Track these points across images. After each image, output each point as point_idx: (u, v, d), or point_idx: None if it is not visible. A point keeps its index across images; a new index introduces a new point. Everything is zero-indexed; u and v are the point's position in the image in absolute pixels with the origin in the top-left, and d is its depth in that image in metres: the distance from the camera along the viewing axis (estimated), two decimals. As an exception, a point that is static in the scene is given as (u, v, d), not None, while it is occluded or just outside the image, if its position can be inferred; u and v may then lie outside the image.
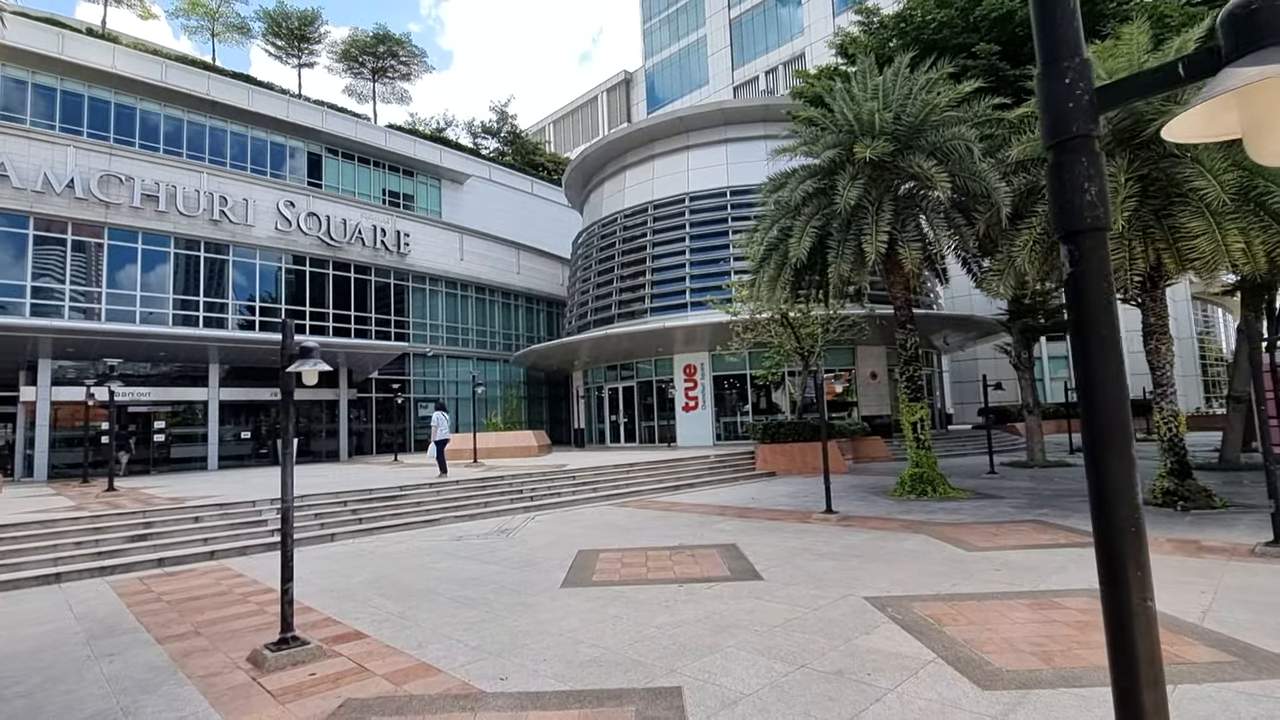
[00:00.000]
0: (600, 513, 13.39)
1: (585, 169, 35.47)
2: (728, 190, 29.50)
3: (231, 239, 27.43)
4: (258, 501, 11.68)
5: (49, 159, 23.51)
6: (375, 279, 32.14)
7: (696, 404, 28.08)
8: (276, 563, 9.53)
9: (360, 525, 11.69)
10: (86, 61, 30.88)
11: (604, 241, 32.94)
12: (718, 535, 10.28)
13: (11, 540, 9.22)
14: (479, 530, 11.68)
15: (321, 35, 42.49)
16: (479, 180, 44.97)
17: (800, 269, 14.03)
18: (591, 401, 33.56)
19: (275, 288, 28.89)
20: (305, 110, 38.01)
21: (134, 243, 25.24)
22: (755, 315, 21.26)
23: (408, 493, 13.46)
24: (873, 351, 28.05)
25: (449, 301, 35.47)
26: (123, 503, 12.09)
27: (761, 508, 13.20)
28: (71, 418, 22.79)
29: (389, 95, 47.63)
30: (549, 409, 40.65)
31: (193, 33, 38.92)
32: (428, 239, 34.49)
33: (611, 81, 71.49)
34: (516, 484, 15.13)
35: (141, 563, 9.18)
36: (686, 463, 19.16)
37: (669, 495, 15.84)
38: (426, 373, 33.98)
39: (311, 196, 30.43)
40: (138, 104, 32.69)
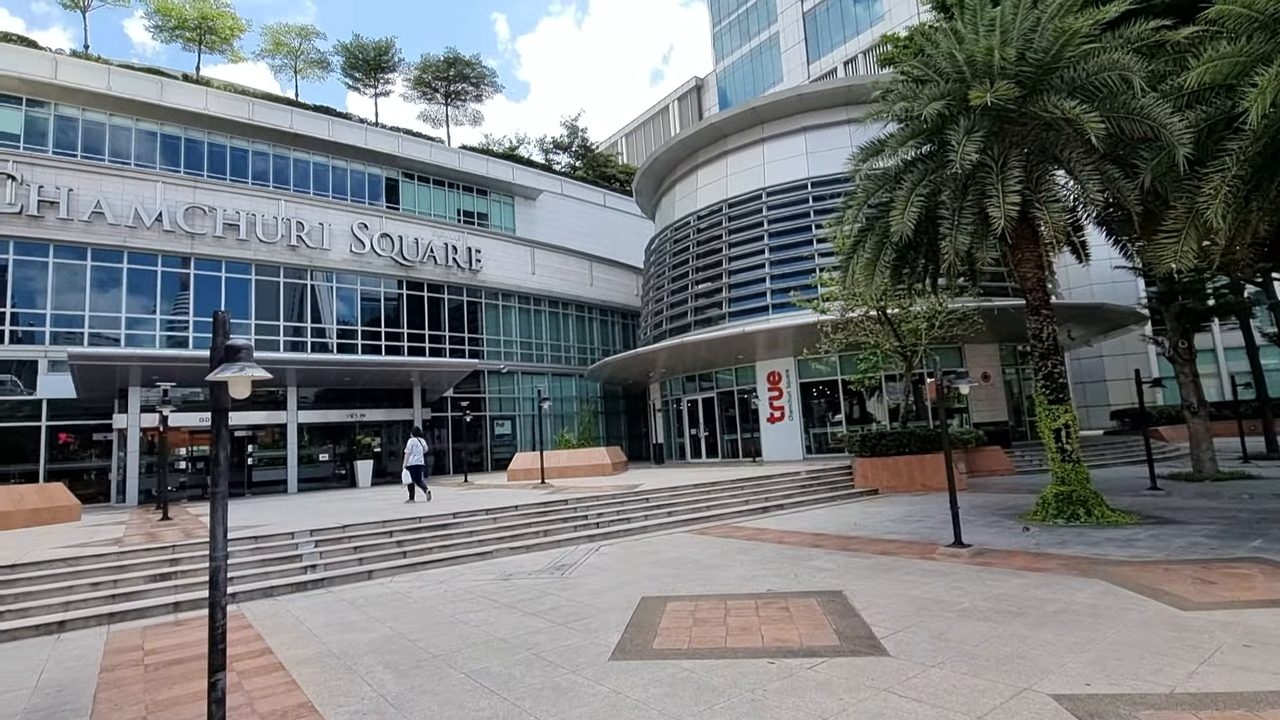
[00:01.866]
0: (675, 543, 11.55)
1: (655, 173, 34.04)
2: (808, 182, 27.19)
3: (309, 263, 27.74)
4: (296, 534, 10.63)
5: (139, 195, 24.41)
6: (448, 297, 31.86)
7: (782, 414, 25.73)
8: (300, 607, 8.36)
9: (404, 560, 10.39)
10: (182, 105, 32.45)
11: (677, 246, 31.28)
12: (816, 576, 8.22)
13: (28, 581, 8.46)
14: (533, 565, 10.11)
15: (395, 63, 43.47)
16: (551, 195, 44.58)
17: (904, 248, 11.78)
18: (670, 415, 31.79)
19: (351, 309, 29.01)
20: (382, 137, 38.76)
21: (217, 271, 25.85)
22: (846, 313, 18.91)
23: (460, 521, 12.12)
24: (983, 350, 24.82)
25: (522, 316, 34.79)
26: (165, 535, 11.38)
27: (867, 536, 10.96)
28: (162, 443, 23.26)
29: (461, 118, 48.30)
30: (627, 424, 39.19)
31: (278, 71, 40.89)
32: (499, 254, 34.01)
33: (682, 89, 70.24)
34: (582, 509, 13.53)
35: (155, 608, 8.18)
36: (774, 480, 17.00)
37: (755, 520, 13.79)
38: (501, 390, 33.33)
39: (384, 218, 30.54)
40: (228, 141, 34.09)
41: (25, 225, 22.36)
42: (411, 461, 16.44)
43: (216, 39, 37.43)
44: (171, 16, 36.04)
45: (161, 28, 36.16)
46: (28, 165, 22.97)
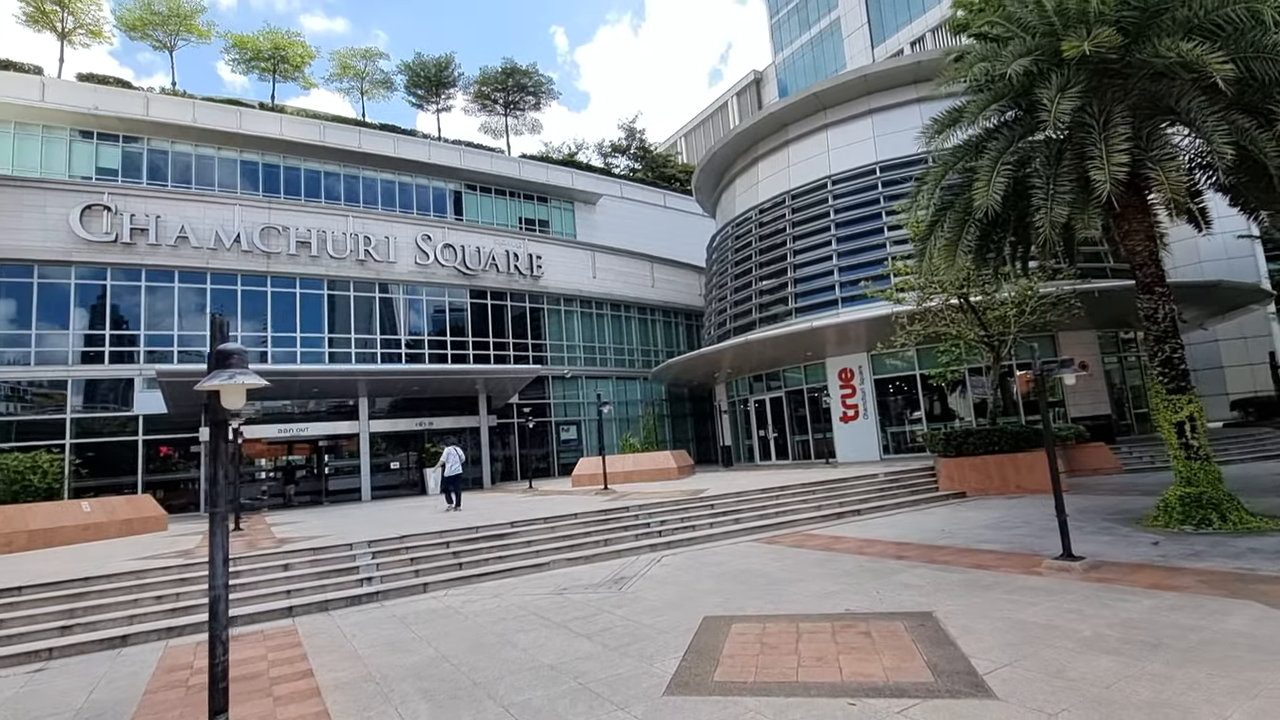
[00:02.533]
0: (742, 553, 10.78)
1: (714, 168, 33.22)
2: (876, 166, 25.75)
3: (377, 276, 28.44)
4: (354, 545, 10.51)
5: (220, 218, 25.61)
6: (511, 303, 32.04)
7: (856, 413, 24.38)
8: (351, 623, 8.10)
9: (459, 571, 10.09)
10: (259, 132, 34.15)
11: (739, 242, 30.35)
12: (901, 594, 7.31)
13: (98, 594, 8.60)
14: (590, 578, 9.59)
15: (455, 78, 44.39)
16: (610, 199, 44.50)
17: (989, 226, 10.62)
18: (737, 416, 30.84)
19: (417, 320, 29.58)
20: (445, 150, 39.66)
21: (292, 287, 26.83)
22: (923, 302, 17.58)
23: (519, 530, 11.76)
24: (1080, 338, 22.73)
25: (584, 320, 34.65)
26: (233, 546, 11.52)
27: (958, 546, 9.87)
28: (246, 454, 24.30)
29: (521, 127, 48.85)
30: (694, 426, 38.42)
31: (346, 94, 42.41)
32: (560, 259, 34.00)
33: (741, 84, 68.90)
34: (644, 516, 12.95)
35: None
36: (849, 484, 15.92)
37: (829, 526, 12.83)
38: (566, 395, 33.24)
39: (447, 228, 31.03)
40: (302, 164, 35.64)
41: (120, 252, 23.82)
42: (449, 472, 17.05)
43: (289, 67, 39.23)
44: (248, 49, 38.00)
45: (239, 60, 38.22)
46: (121, 196, 24.46)
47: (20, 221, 22.79)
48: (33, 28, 33.93)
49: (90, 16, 34.93)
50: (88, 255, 23.35)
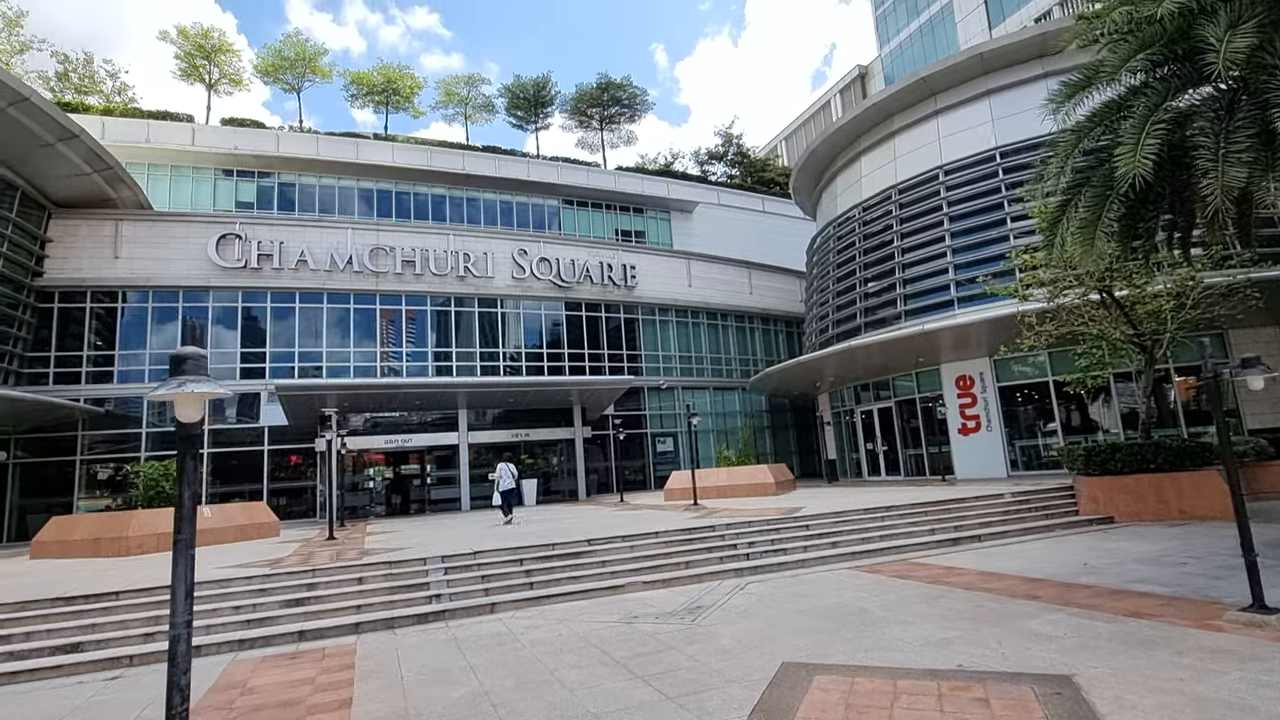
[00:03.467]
0: (837, 583, 9.58)
1: (813, 167, 31.65)
2: (995, 152, 23.36)
3: (475, 291, 29.22)
4: (429, 560, 10.33)
5: (335, 242, 27.28)
6: (605, 315, 31.95)
7: (977, 425, 22.01)
8: (410, 644, 7.69)
9: (529, 592, 9.61)
10: (374, 160, 36.43)
11: (841, 243, 28.59)
12: (1032, 647, 5.97)
13: (184, 601, 8.82)
14: (664, 605, 8.79)
15: (553, 97, 45.40)
16: (707, 206, 43.81)
17: (1136, 200, 8.86)
18: (842, 428, 28.94)
19: (514, 333, 30.09)
20: (543, 167, 40.60)
21: (398, 304, 28.08)
22: (1056, 298, 15.43)
23: (595, 549, 11.17)
24: (1256, 336, 19.26)
25: (679, 330, 33.96)
26: (318, 556, 11.73)
27: (1106, 586, 8.19)
28: (353, 464, 25.58)
29: (616, 140, 49.21)
30: (796, 438, 36.63)
31: (450, 120, 44.47)
32: (654, 269, 33.57)
33: (844, 80, 66.06)
34: (731, 536, 11.98)
35: (281, 635, 8.08)
36: (969, 505, 14.11)
37: (942, 555, 11.28)
38: (662, 406, 32.63)
39: (543, 242, 31.44)
40: (411, 188, 37.68)
41: (249, 276, 25.86)
42: (503, 486, 17.62)
43: (400, 99, 41.68)
44: (364, 85, 40.76)
45: (356, 95, 41.06)
46: (251, 225, 26.61)
47: (168, 251, 25.30)
48: (186, 81, 38.17)
49: (232, 67, 38.83)
50: (222, 280, 25.51)
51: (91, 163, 23.06)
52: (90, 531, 14.73)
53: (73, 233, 24.53)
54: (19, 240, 22.82)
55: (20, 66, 35.10)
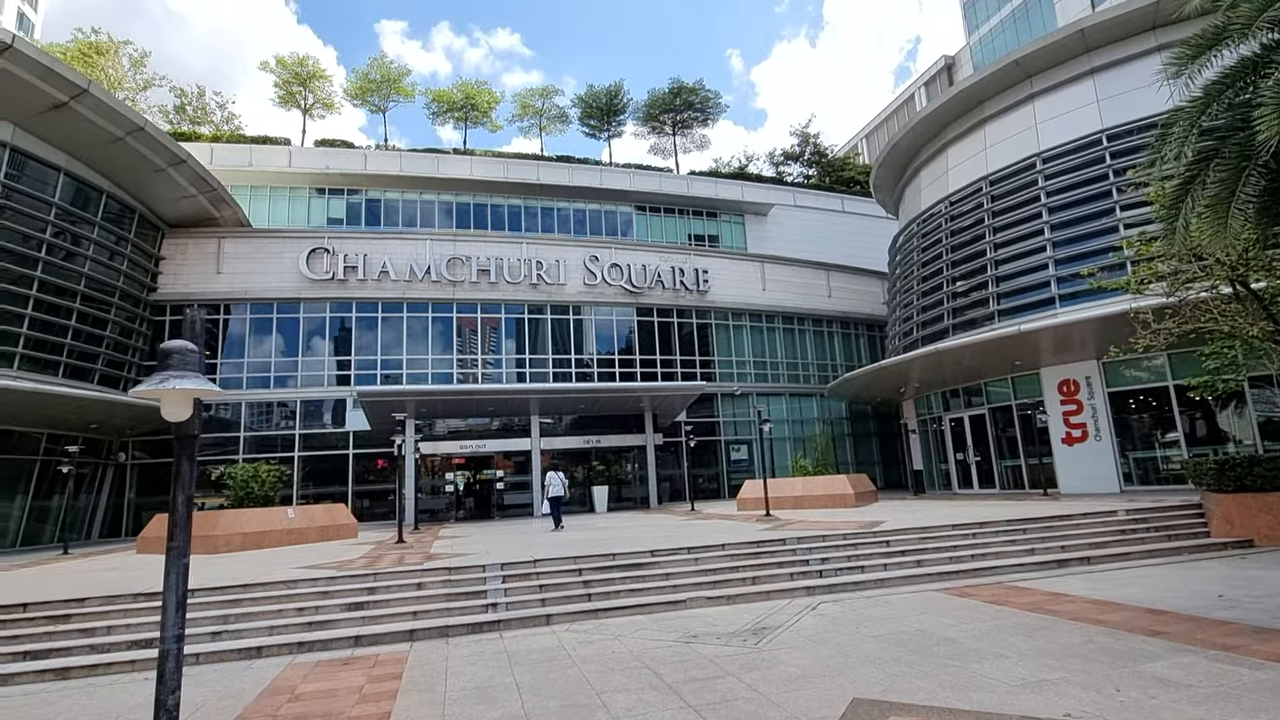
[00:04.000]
0: (919, 606, 8.69)
1: (895, 162, 30.09)
2: (1101, 135, 21.34)
3: (548, 298, 29.48)
4: (488, 567, 10.17)
5: (414, 253, 28.22)
6: (677, 320, 31.51)
7: (1083, 434, 20.06)
8: (460, 656, 7.36)
9: (587, 604, 9.25)
10: (453, 174, 37.63)
11: (925, 240, 26.98)
12: (1157, 694, 5.03)
13: (252, 602, 9.03)
14: (727, 624, 8.20)
15: (625, 104, 45.55)
16: (782, 208, 42.71)
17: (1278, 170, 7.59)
18: (928, 436, 27.20)
19: (585, 339, 30.14)
20: (615, 175, 40.73)
21: (474, 312, 28.72)
22: (1177, 291, 13.70)
23: (658, 560, 10.69)
24: None
25: (754, 335, 33.05)
26: (385, 559, 11.85)
27: (1248, 623, 6.97)
28: (430, 469, 26.23)
29: (689, 145, 48.83)
30: (879, 447, 34.84)
31: (525, 132, 45.40)
32: (727, 273, 32.86)
33: (929, 72, 63.11)
34: (803, 551, 11.21)
35: (338, 640, 8.06)
36: (1076, 522, 12.69)
37: (1045, 579, 10.09)
38: (736, 413, 31.80)
39: (614, 248, 31.40)
40: (489, 199, 38.64)
41: (336, 287, 27.14)
42: (552, 494, 18.10)
43: (478, 114, 42.96)
44: (444, 102, 42.29)
45: (437, 113, 42.66)
46: (337, 239, 27.94)
47: (264, 266, 26.90)
48: (284, 107, 40.82)
49: (324, 92, 41.23)
50: (312, 291, 26.89)
51: (197, 185, 24.83)
52: (186, 529, 15.60)
53: (182, 250, 26.50)
54: (137, 259, 24.82)
55: (144, 101, 38.59)
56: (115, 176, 23.15)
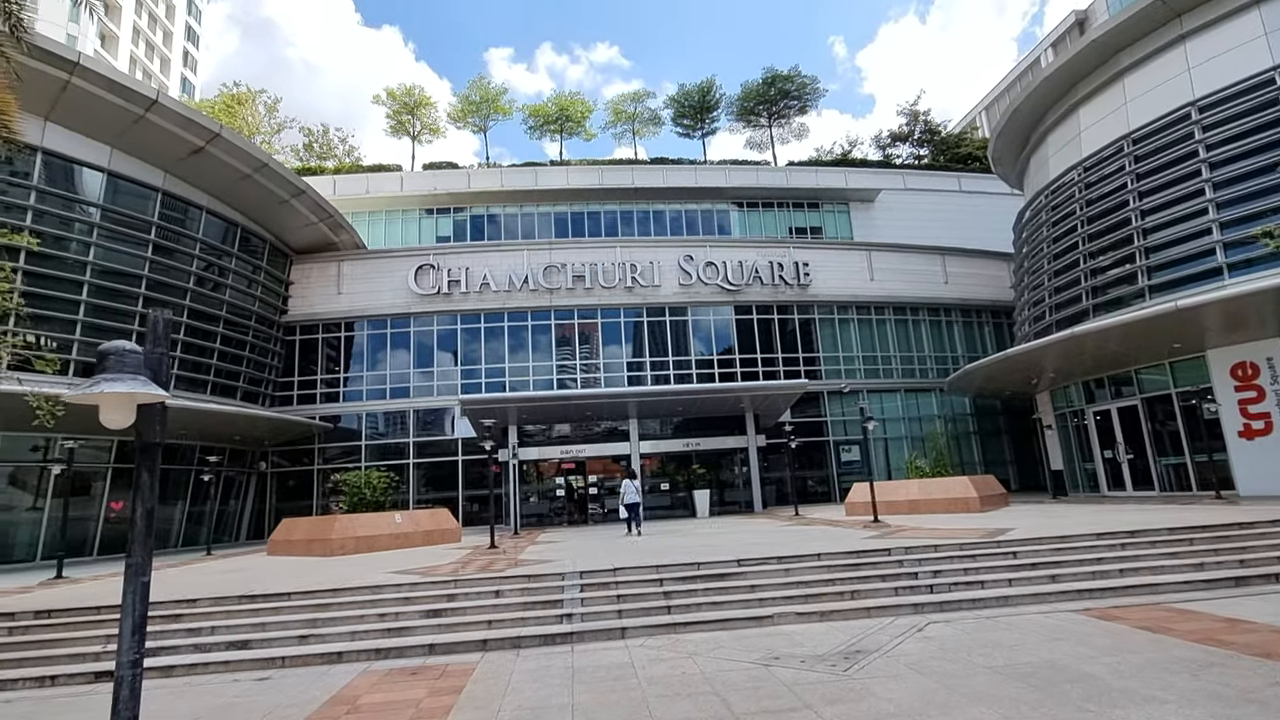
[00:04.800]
0: (1050, 630, 7.39)
1: (1016, 130, 27.26)
2: (1274, 73, 18.04)
3: (643, 301, 29.26)
4: (567, 575, 9.87)
5: (512, 264, 28.97)
6: (778, 316, 30.24)
7: (1267, 426, 16.96)
8: (524, 670, 6.94)
9: (666, 616, 8.69)
10: (550, 185, 38.48)
11: (1056, 213, 24.15)
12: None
13: (339, 606, 9.25)
14: (816, 645, 7.34)
15: (718, 100, 44.71)
16: (891, 193, 40.18)
17: None
18: (1069, 432, 24.27)
19: (681, 340, 29.58)
20: (710, 172, 40.01)
21: (570, 319, 29.03)
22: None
23: (745, 570, 9.94)
24: None
25: (862, 328, 31.09)
26: (472, 565, 11.89)
27: None
28: (539, 474, 26.70)
29: (787, 135, 47.14)
30: (1012, 446, 31.63)
31: (619, 138, 45.70)
32: (830, 264, 31.16)
33: (1058, 31, 57.23)
34: (910, 562, 10.02)
35: (413, 648, 8.02)
36: (1260, 531, 10.53)
37: (1217, 600, 8.34)
38: (845, 411, 29.98)
39: (709, 246, 30.66)
40: (585, 207, 39.15)
41: (441, 301, 28.38)
42: (627, 500, 18.55)
43: (573, 124, 43.75)
44: (540, 116, 43.44)
45: (534, 127, 43.89)
46: (441, 255, 29.24)
47: (377, 285, 28.64)
48: (395, 136, 43.63)
49: (430, 118, 43.59)
50: (420, 306, 28.28)
51: (317, 213, 26.84)
52: (305, 533, 16.66)
53: (307, 274, 28.76)
54: (269, 284, 27.20)
55: (277, 142, 42.64)
56: (248, 210, 25.46)
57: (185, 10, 67.59)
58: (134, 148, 21.16)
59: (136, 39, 58.96)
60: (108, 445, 21.06)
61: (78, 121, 19.75)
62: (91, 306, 20.30)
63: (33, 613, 9.04)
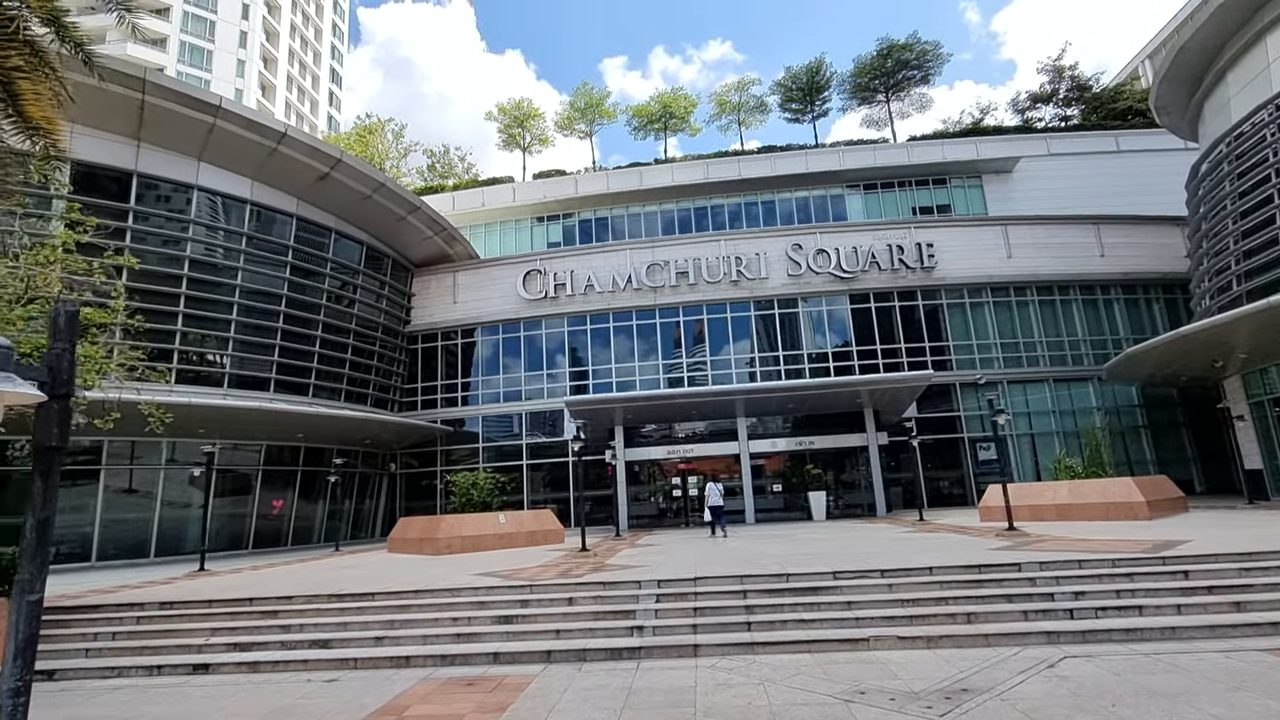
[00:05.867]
0: (1232, 676, 5.76)
1: (1185, 72, 23.26)
2: None
3: (749, 294, 28.13)
4: (644, 584, 9.27)
5: (615, 264, 28.92)
6: (898, 304, 27.89)
7: None
8: (585, 688, 6.52)
9: (745, 634, 7.85)
10: (655, 184, 38.25)
11: (1241, 163, 20.30)
12: None
13: (418, 609, 9.26)
14: (913, 678, 6.21)
15: (829, 79, 42.34)
16: (1032, 160, 36.20)
17: None
18: (1268, 424, 20.22)
19: (791, 333, 28.07)
20: (822, 156, 38.00)
21: (674, 316, 28.49)
22: None
23: (840, 584, 8.84)
24: None
25: (998, 312, 27.94)
26: (554, 570, 11.60)
27: None
28: (651, 475, 26.39)
29: (908, 109, 43.64)
30: (1194, 441, 27.02)
31: (724, 129, 44.48)
32: (957, 243, 28.32)
33: (1236, -45, 48.71)
34: (1046, 580, 8.44)
35: (477, 655, 7.76)
36: None
37: None
38: (982, 405, 27.01)
39: (818, 233, 28.90)
40: (691, 203, 38.56)
41: (549, 305, 28.91)
42: (711, 503, 18.88)
43: (676, 121, 43.24)
44: (643, 116, 43.33)
45: (638, 127, 43.82)
46: (547, 260, 29.79)
47: (489, 292, 29.70)
48: (507, 150, 45.36)
49: (539, 129, 44.87)
50: (528, 311, 28.97)
51: (432, 228, 28.28)
52: (417, 532, 17.35)
53: (425, 286, 30.41)
54: (393, 297, 29.02)
55: (404, 165, 45.79)
56: (371, 229, 27.29)
57: (329, 56, 74.73)
58: (270, 178, 23.27)
59: (290, 86, 65.97)
60: (258, 449, 23.32)
61: (223, 158, 21.99)
62: (240, 324, 22.54)
63: (158, 604, 9.85)
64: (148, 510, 20.54)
